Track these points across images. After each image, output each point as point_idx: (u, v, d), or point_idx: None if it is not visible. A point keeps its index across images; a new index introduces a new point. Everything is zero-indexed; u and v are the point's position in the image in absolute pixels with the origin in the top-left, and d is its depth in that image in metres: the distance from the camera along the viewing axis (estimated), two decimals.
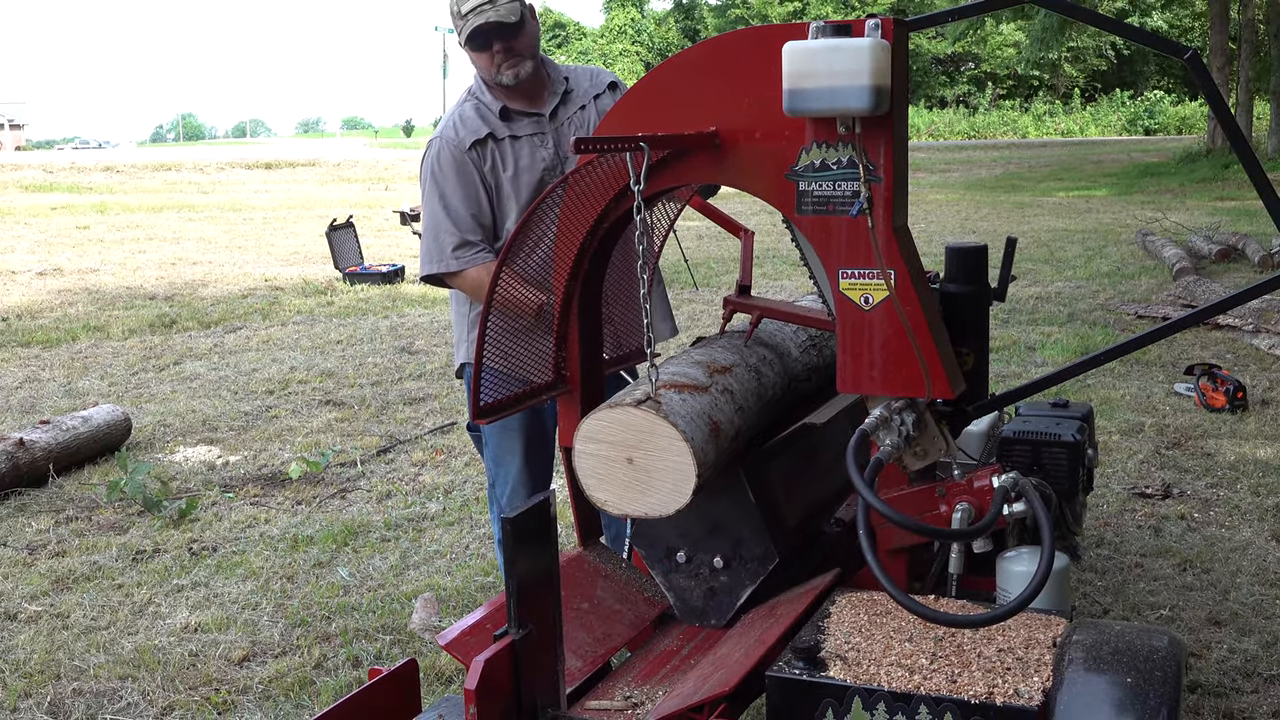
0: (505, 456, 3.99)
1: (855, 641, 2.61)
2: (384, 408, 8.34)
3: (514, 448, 3.96)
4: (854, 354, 2.71)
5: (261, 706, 4.14)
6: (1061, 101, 60.28)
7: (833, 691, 2.45)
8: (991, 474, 2.76)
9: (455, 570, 5.32)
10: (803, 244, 2.93)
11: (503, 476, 4.02)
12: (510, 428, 3.91)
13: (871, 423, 2.69)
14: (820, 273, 2.89)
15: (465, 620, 2.91)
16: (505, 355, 3.03)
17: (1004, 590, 2.96)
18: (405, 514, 6.09)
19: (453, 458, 7.10)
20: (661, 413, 2.68)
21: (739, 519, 3.15)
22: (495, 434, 3.97)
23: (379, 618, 4.82)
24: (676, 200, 3.58)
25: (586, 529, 3.31)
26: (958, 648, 2.56)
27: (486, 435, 4.03)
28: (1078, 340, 9.41)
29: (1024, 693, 2.36)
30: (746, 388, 3.06)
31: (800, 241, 2.94)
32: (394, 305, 12.66)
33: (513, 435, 3.94)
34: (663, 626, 3.30)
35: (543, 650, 2.48)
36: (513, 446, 3.96)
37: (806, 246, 2.90)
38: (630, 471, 2.71)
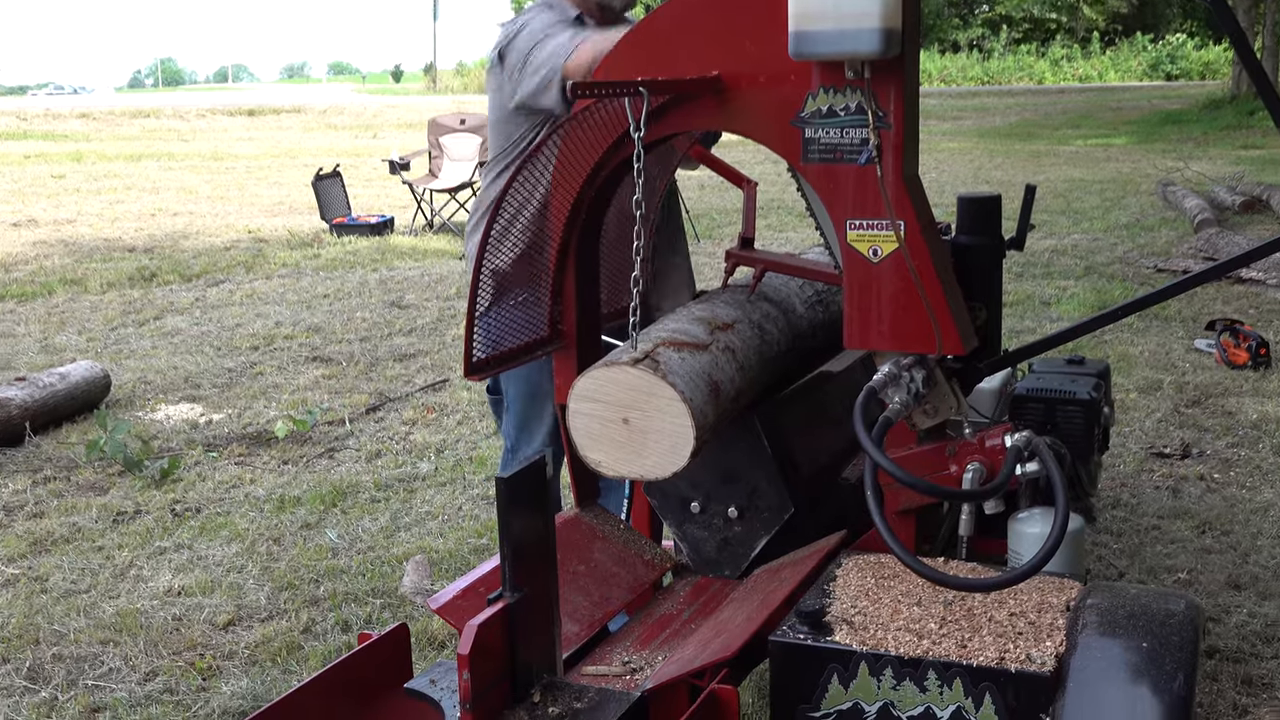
0: (533, 423, 3.94)
1: (862, 605, 2.63)
2: (373, 364, 8.34)
3: (544, 414, 3.91)
4: (862, 308, 2.70)
5: (247, 672, 4.17)
6: (1080, 46, 59.91)
7: (838, 657, 2.47)
8: (1004, 433, 2.76)
9: (447, 532, 5.34)
10: (809, 194, 2.92)
11: (525, 443, 3.97)
12: (542, 394, 3.87)
13: (880, 379, 2.69)
14: (827, 224, 2.88)
15: (458, 583, 2.92)
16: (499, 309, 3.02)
17: (1016, 553, 2.97)
18: (395, 474, 6.11)
19: (445, 416, 7.11)
20: (659, 372, 2.67)
21: (754, 468, 3.17)
22: (522, 399, 3.93)
23: (369, 581, 4.84)
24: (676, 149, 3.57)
25: (583, 490, 3.32)
26: (968, 612, 2.57)
27: (511, 399, 4.00)
28: (1095, 295, 9.40)
29: (1036, 658, 2.38)
30: (749, 345, 3.06)
31: (806, 191, 2.93)
32: (383, 258, 12.64)
33: (543, 401, 3.90)
34: (663, 590, 3.32)
35: (538, 614, 2.49)
36: (541, 413, 3.92)
37: (813, 196, 2.89)
38: (626, 432, 2.71)
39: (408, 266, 12.15)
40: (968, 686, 2.37)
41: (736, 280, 3.45)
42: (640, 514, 3.58)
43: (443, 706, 2.45)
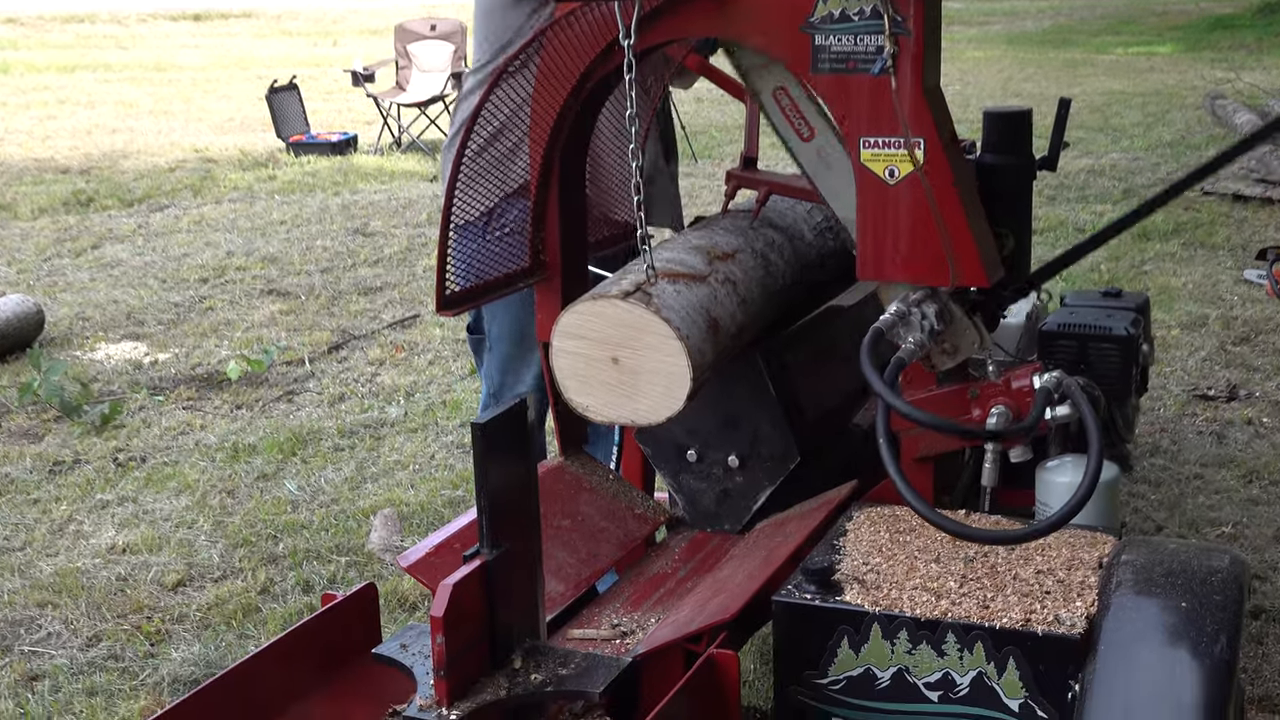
0: (518, 366, 3.93)
1: (874, 562, 2.65)
2: (335, 298, 8.33)
3: (530, 358, 3.91)
4: (876, 236, 2.70)
5: (200, 636, 4.20)
6: None
7: (848, 618, 2.49)
8: (1032, 373, 2.77)
9: (419, 483, 5.36)
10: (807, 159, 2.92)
11: (510, 388, 3.97)
12: (530, 333, 3.87)
13: (888, 319, 2.69)
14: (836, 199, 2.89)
15: (430, 539, 2.93)
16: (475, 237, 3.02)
17: (1044, 504, 2.99)
18: (361, 419, 6.12)
19: (415, 355, 7.11)
20: (652, 306, 2.67)
21: (756, 412, 3.18)
22: (508, 339, 3.92)
23: (332, 537, 4.86)
24: (671, 59, 3.54)
25: (569, 437, 3.33)
26: (991, 569, 2.59)
27: (494, 339, 3.99)
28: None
29: (1065, 619, 2.40)
30: (751, 277, 3.06)
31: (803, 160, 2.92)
32: (345, 180, 12.58)
33: (531, 342, 3.90)
34: (656, 546, 3.34)
35: (519, 573, 2.51)
36: (528, 354, 3.91)
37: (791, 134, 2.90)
38: (615, 373, 2.72)
39: (373, 190, 12.10)
40: (990, 650, 2.40)
41: (738, 205, 3.45)
42: (631, 463, 3.59)
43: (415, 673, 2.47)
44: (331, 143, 14.17)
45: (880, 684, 2.49)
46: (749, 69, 2.97)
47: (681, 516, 3.36)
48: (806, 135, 2.97)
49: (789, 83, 2.94)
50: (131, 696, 3.89)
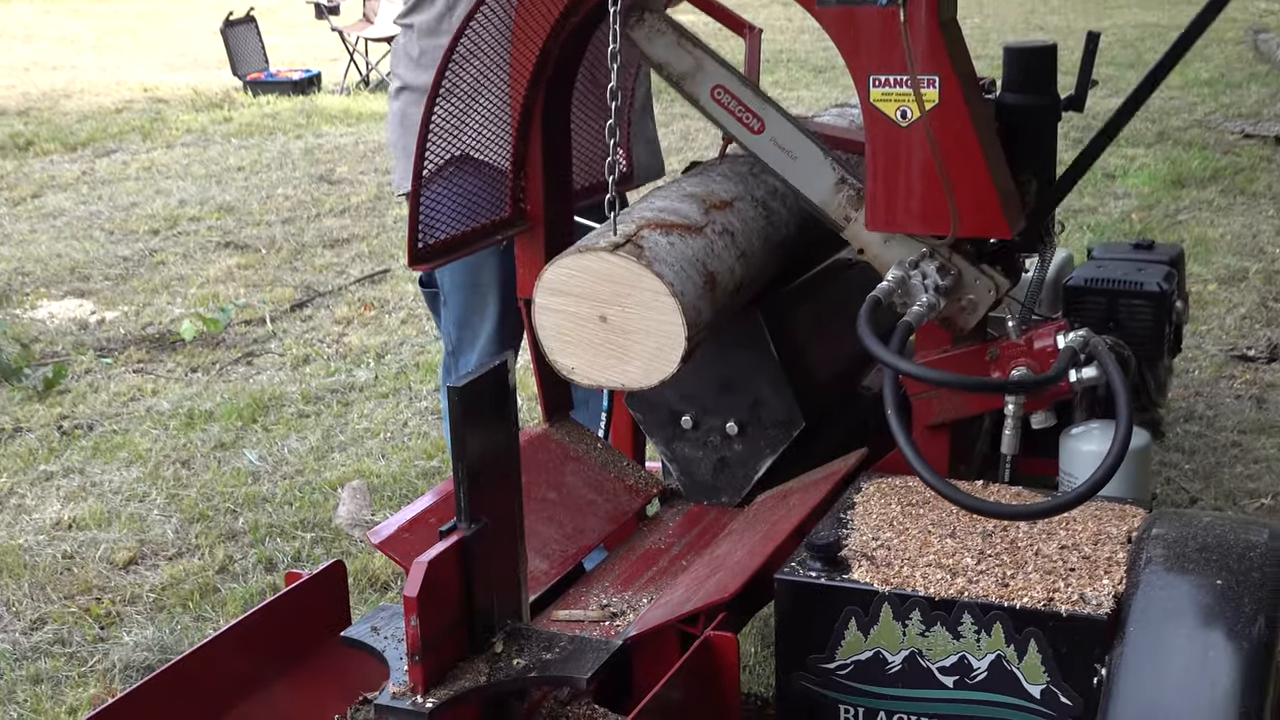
0: (473, 319, 3.96)
1: (885, 537, 2.65)
2: (299, 251, 8.31)
3: (485, 308, 3.93)
4: (887, 183, 2.70)
5: (154, 619, 4.21)
6: None
7: (857, 597, 2.50)
8: (1056, 331, 2.78)
9: (390, 452, 5.36)
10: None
11: (468, 343, 4.00)
12: (482, 282, 3.88)
13: (886, 286, 2.69)
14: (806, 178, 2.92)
15: (403, 513, 2.94)
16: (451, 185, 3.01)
17: (1069, 474, 3.00)
18: (327, 383, 6.12)
19: (385, 313, 7.11)
20: (643, 259, 2.67)
21: (757, 375, 3.18)
22: (461, 290, 3.94)
23: (297, 511, 4.87)
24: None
25: (553, 402, 3.33)
26: (1011, 544, 2.60)
27: (447, 291, 4.01)
28: (1168, 166, 9.39)
29: (1091, 598, 2.41)
30: (751, 228, 3.05)
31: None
32: (309, 122, 12.54)
33: (484, 292, 3.92)
34: (648, 520, 3.35)
35: (500, 549, 2.52)
36: (483, 306, 3.93)
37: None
38: (604, 333, 2.72)
39: (339, 132, 12.06)
40: (1009, 632, 2.41)
41: (736, 150, 3.44)
42: (621, 431, 3.60)
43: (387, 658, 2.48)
44: (293, 81, 14.12)
45: (891, 668, 2.50)
46: (681, 77, 3.01)
47: (676, 488, 3.37)
48: (757, 128, 3.00)
49: (724, 79, 2.98)
50: (80, 684, 3.90)
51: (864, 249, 2.89)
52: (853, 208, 2.89)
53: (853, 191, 2.89)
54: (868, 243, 2.88)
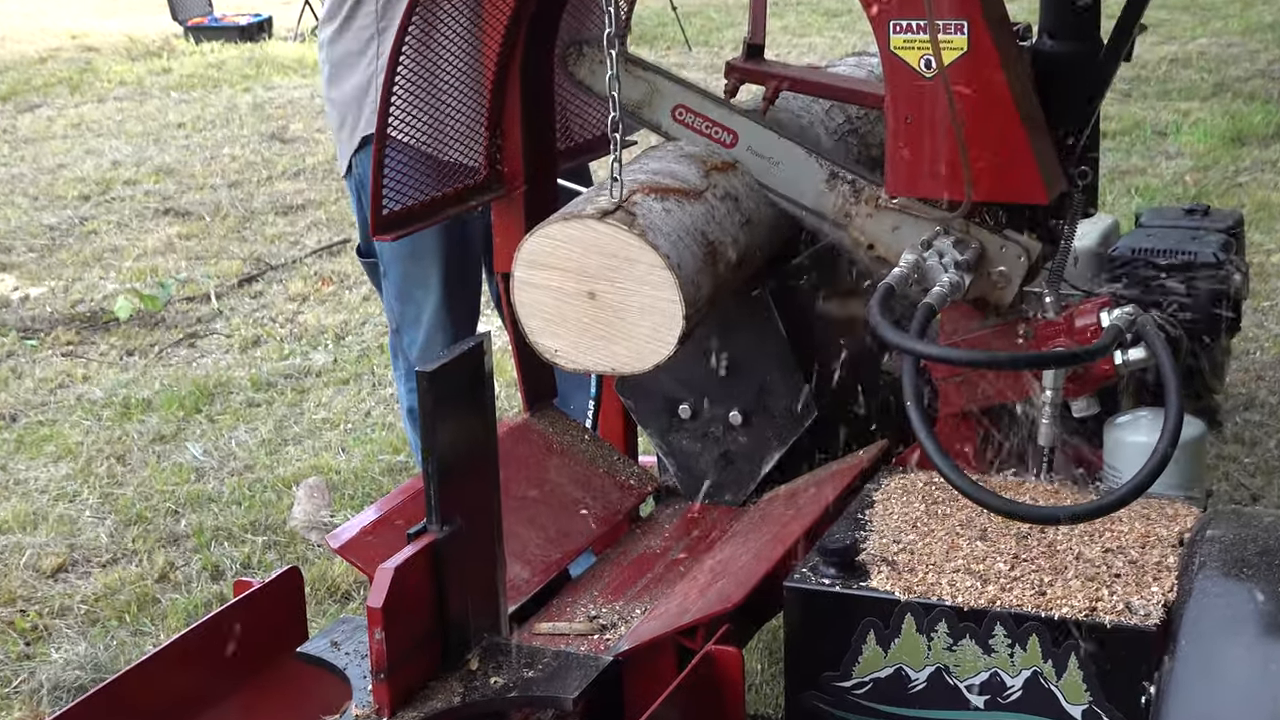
0: (415, 291, 3.98)
1: (908, 540, 2.66)
2: (247, 219, 8.30)
3: (428, 278, 3.95)
4: (910, 142, 2.70)
5: (85, 633, 4.21)
6: None
7: (876, 607, 2.50)
8: (1100, 308, 2.78)
9: (351, 445, 5.36)
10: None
11: (411, 319, 4.02)
12: (423, 251, 3.90)
13: (899, 273, 2.70)
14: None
15: (366, 514, 2.94)
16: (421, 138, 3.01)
17: (1113, 469, 3.00)
18: (280, 368, 6.12)
19: (345, 289, 7.11)
20: (636, 228, 2.67)
21: (764, 358, 3.19)
22: (400, 260, 3.95)
23: (246, 511, 4.87)
24: None
25: (535, 388, 3.33)
26: (1049, 548, 2.61)
27: (386, 261, 4.02)
28: (1227, 121, 9.37)
29: (1138, 607, 2.42)
30: (757, 192, 3.06)
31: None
32: (258, 73, 12.51)
33: (427, 261, 3.93)
34: (641, 521, 3.35)
35: (475, 554, 2.52)
36: (424, 277, 3.95)
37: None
38: (592, 311, 2.72)
39: (292, 85, 12.03)
40: (1047, 645, 2.42)
41: (741, 103, 3.44)
42: (611, 421, 3.60)
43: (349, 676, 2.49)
44: (240, 27, 14.08)
45: (914, 687, 2.51)
46: (637, 106, 3.09)
47: (672, 485, 3.37)
48: (729, 141, 3.06)
49: (683, 98, 3.07)
50: (3, 707, 3.90)
51: (873, 244, 2.91)
52: (851, 202, 2.91)
53: (847, 185, 2.91)
54: (875, 235, 2.89)
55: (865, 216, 2.89)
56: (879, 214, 2.91)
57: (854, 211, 2.91)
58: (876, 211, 2.91)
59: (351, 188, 4.14)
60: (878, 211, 2.91)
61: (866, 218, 2.90)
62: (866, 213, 2.90)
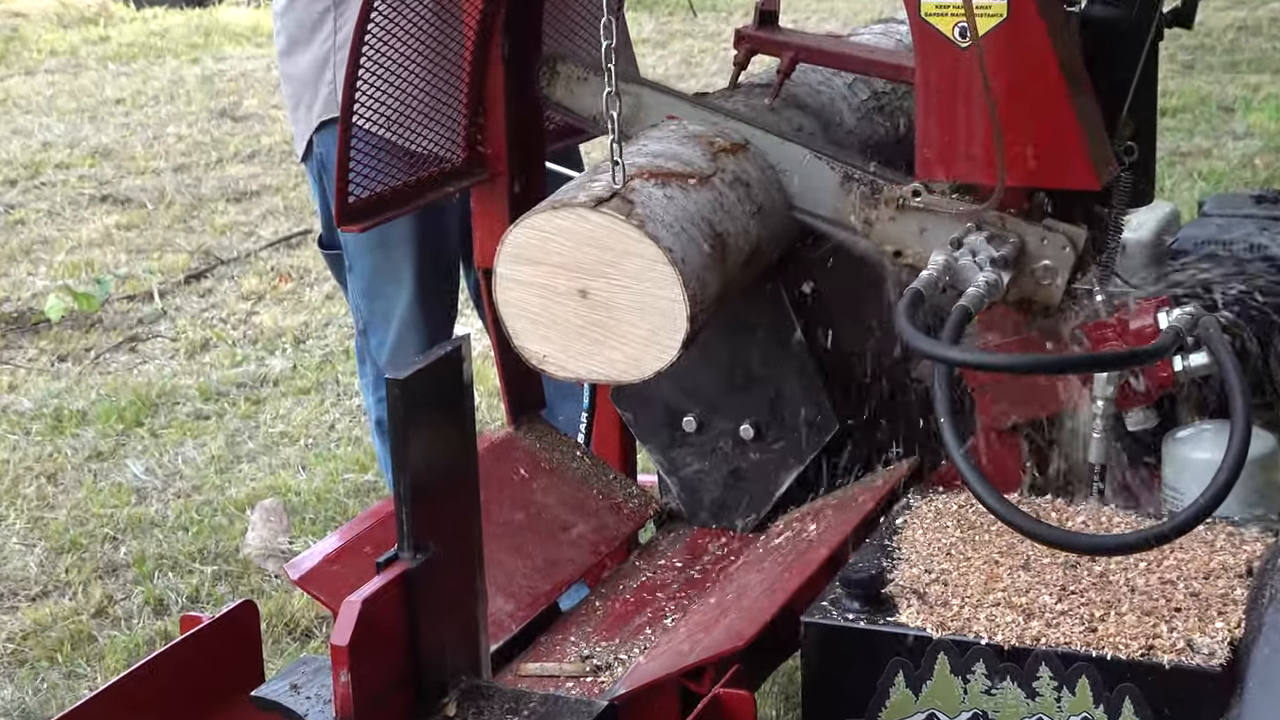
0: (385, 287, 3.98)
1: (941, 569, 2.66)
2: (195, 207, 8.30)
3: (400, 273, 3.95)
4: (942, 120, 2.71)
5: (12, 676, 4.21)
6: None
7: (905, 645, 2.51)
8: (1157, 308, 2.79)
9: (313, 463, 5.36)
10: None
11: (380, 319, 4.02)
12: (394, 241, 3.90)
13: (929, 276, 2.70)
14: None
15: (330, 540, 2.95)
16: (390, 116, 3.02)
17: (1174, 490, 3.01)
18: (232, 375, 6.11)
19: (306, 286, 7.11)
20: (634, 218, 2.68)
21: (779, 364, 3.20)
22: (368, 252, 3.95)
23: (194, 538, 4.87)
24: None
25: (520, 399, 3.34)
26: (1100, 578, 2.61)
27: (352, 253, 4.02)
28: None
29: (1202, 646, 2.42)
30: (770, 177, 3.06)
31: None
32: (207, 41, 12.51)
33: (398, 253, 3.93)
34: (640, 549, 3.36)
35: (453, 586, 2.53)
36: (395, 271, 3.95)
37: None
38: (584, 311, 2.72)
39: (245, 55, 12.03)
40: (1098, 689, 2.42)
41: (752, 77, 3.45)
42: (607, 435, 3.61)
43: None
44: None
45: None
46: (625, 121, 3.03)
47: (675, 508, 3.37)
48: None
49: (673, 107, 3.11)
50: None
51: (899, 250, 2.91)
52: (870, 205, 2.92)
53: (865, 186, 2.92)
54: (901, 240, 2.90)
55: (888, 220, 2.90)
56: (902, 215, 2.91)
57: (874, 216, 2.91)
58: (899, 213, 2.91)
59: (312, 171, 4.13)
60: (900, 213, 2.91)
61: (889, 221, 2.90)
62: (888, 216, 2.90)
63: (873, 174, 2.94)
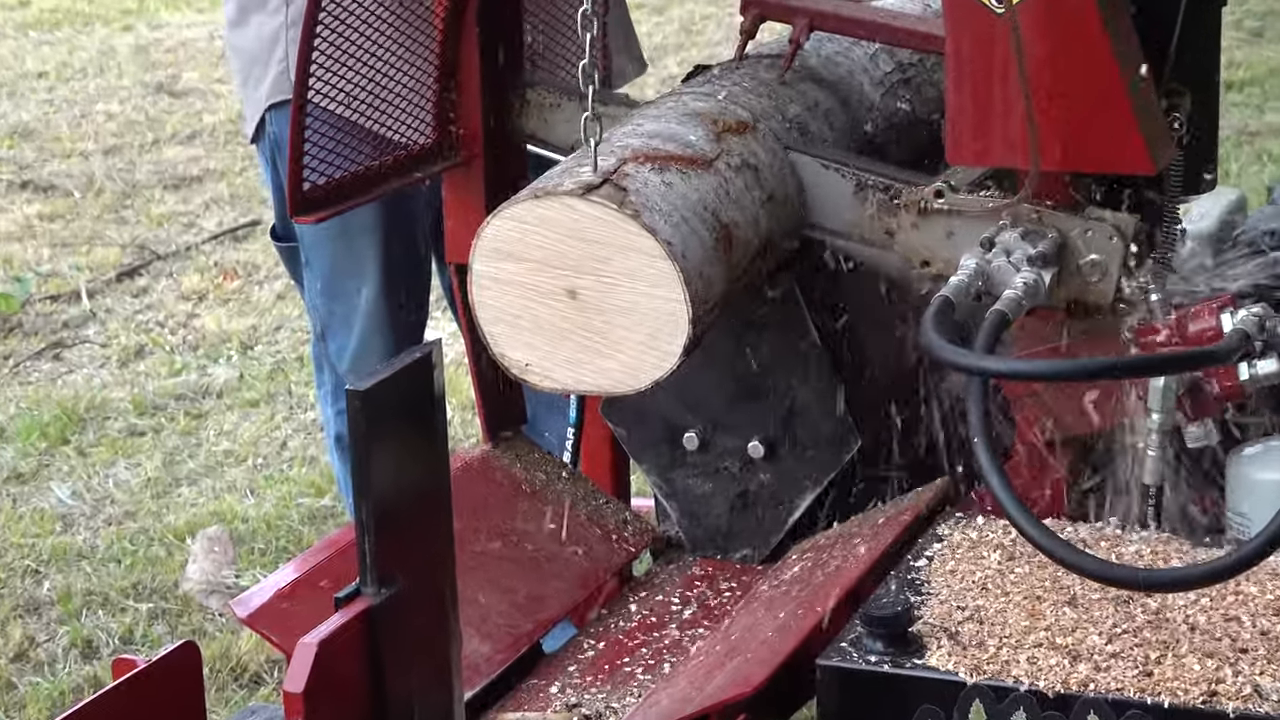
0: (346, 284, 3.98)
1: (975, 605, 2.67)
2: (128, 195, 8.30)
3: (363, 268, 3.95)
4: (976, 97, 2.71)
5: None
6: None
7: (936, 691, 2.51)
8: (1220, 308, 2.79)
9: (262, 486, 5.37)
10: None
11: (340, 321, 4.02)
12: (356, 231, 3.90)
13: (959, 283, 2.70)
14: None
15: (282, 574, 2.95)
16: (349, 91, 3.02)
17: (1239, 515, 3.01)
18: (170, 386, 6.12)
19: (254, 284, 7.11)
20: (628, 207, 2.68)
21: (793, 372, 3.20)
22: (327, 243, 3.96)
23: (127, 571, 4.87)
24: None
25: (498, 413, 3.34)
26: (1156, 616, 2.62)
27: (309, 246, 4.02)
28: None
29: (1271, 691, 2.42)
30: (782, 160, 3.07)
31: None
32: (141, 6, 12.51)
33: (361, 244, 3.93)
34: (635, 582, 3.36)
35: (422, 625, 2.53)
36: (360, 266, 3.95)
37: None
38: (572, 313, 2.73)
39: (184, 22, 12.02)
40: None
41: (761, 47, 3.45)
42: (597, 454, 3.62)
43: None
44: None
45: None
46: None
47: (674, 536, 3.38)
48: None
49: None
50: None
51: (927, 260, 2.91)
52: (889, 214, 2.92)
53: (882, 193, 2.92)
54: (928, 249, 2.90)
55: (910, 228, 2.90)
56: (926, 221, 2.91)
57: (894, 225, 2.91)
58: (922, 219, 2.91)
59: (264, 154, 4.14)
60: (924, 218, 2.91)
61: (911, 229, 2.90)
62: (910, 222, 2.90)
63: (888, 177, 2.94)
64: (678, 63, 9.25)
